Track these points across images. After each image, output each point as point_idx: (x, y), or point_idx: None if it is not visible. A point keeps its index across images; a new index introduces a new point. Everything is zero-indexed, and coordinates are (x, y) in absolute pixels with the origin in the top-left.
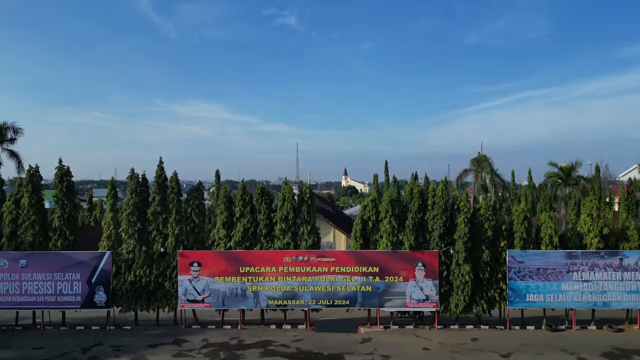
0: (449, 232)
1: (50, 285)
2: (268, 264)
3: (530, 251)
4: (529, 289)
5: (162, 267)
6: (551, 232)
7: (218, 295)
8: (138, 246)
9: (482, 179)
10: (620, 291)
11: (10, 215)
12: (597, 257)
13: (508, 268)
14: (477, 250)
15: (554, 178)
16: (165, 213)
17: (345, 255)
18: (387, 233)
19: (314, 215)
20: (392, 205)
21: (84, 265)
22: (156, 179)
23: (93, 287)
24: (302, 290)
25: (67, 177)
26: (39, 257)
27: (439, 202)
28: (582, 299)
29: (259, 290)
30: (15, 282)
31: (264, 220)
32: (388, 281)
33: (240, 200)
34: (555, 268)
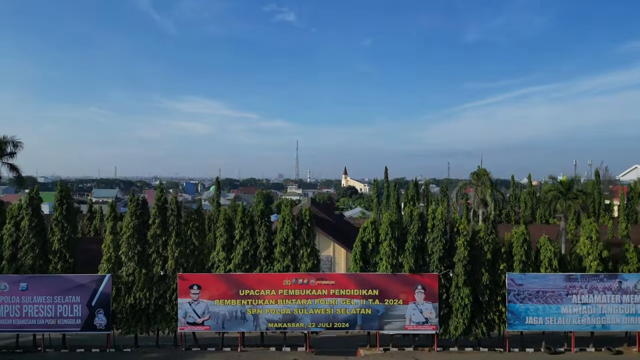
0: (449, 254)
1: (51, 308)
2: (268, 287)
3: (529, 274)
4: (528, 312)
5: (162, 290)
6: (550, 255)
7: (218, 318)
8: (138, 269)
9: (482, 194)
10: (619, 314)
11: (11, 238)
12: (596, 280)
13: (507, 291)
14: (477, 273)
15: (554, 192)
16: (165, 235)
17: (344, 278)
18: (387, 256)
19: (313, 238)
20: (391, 227)
21: (84, 288)
22: (156, 201)
23: (93, 310)
24: (302, 313)
25: (66, 199)
26: (39, 280)
27: (438, 225)
28: (581, 321)
29: (259, 313)
30: (16, 305)
31: (264, 242)
32: (388, 304)
33: (240, 223)
34: (555, 291)
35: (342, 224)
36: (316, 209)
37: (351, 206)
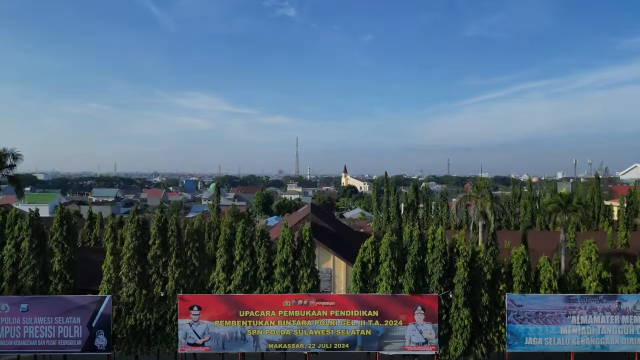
0: (449, 274)
1: (51, 329)
2: (268, 308)
3: (529, 295)
4: (527, 333)
5: (162, 311)
6: (550, 276)
7: (218, 339)
8: (138, 289)
9: (482, 206)
10: (618, 334)
11: (11, 259)
12: (595, 301)
13: (507, 311)
14: (477, 294)
15: (554, 205)
16: (165, 256)
17: (344, 299)
18: (387, 276)
19: (313, 258)
20: (391, 248)
21: (85, 309)
22: (156, 221)
23: (93, 331)
24: (302, 333)
25: (66, 220)
26: (39, 302)
27: (438, 246)
28: (580, 342)
29: (259, 334)
30: (17, 325)
31: (264, 263)
32: (387, 325)
33: (240, 244)
34: (554, 312)
35: (341, 229)
36: (316, 218)
37: (351, 207)
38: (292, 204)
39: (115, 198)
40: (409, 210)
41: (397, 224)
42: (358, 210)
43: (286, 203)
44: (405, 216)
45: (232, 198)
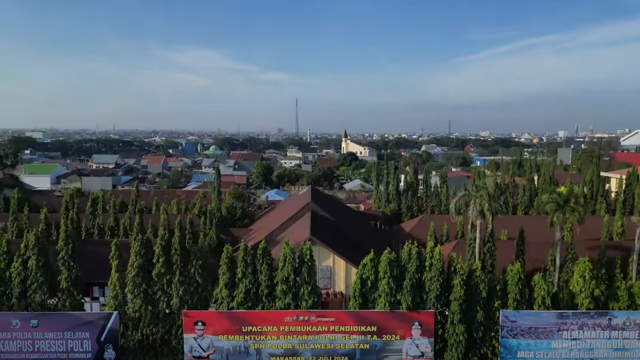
0: (445, 291)
1: (62, 344)
2: (270, 324)
3: (523, 311)
4: (520, 347)
5: (167, 326)
6: (544, 293)
7: (222, 352)
8: (144, 306)
9: (480, 205)
10: (607, 348)
11: (19, 277)
12: (587, 317)
13: (501, 327)
14: (472, 311)
15: (552, 204)
16: (169, 274)
17: (344, 315)
18: (386, 293)
19: (314, 276)
20: (390, 266)
21: (93, 325)
22: (160, 240)
23: (102, 345)
24: (303, 347)
25: (71, 239)
26: (49, 318)
27: (436, 264)
28: (571, 355)
29: (261, 348)
30: (28, 340)
31: (266, 280)
32: (385, 339)
33: (242, 262)
34: (547, 327)
35: (341, 214)
36: (316, 207)
37: (351, 177)
38: (291, 174)
39: (115, 164)
40: (408, 191)
41: (397, 205)
42: (358, 182)
43: (286, 173)
44: (405, 198)
45: (232, 166)
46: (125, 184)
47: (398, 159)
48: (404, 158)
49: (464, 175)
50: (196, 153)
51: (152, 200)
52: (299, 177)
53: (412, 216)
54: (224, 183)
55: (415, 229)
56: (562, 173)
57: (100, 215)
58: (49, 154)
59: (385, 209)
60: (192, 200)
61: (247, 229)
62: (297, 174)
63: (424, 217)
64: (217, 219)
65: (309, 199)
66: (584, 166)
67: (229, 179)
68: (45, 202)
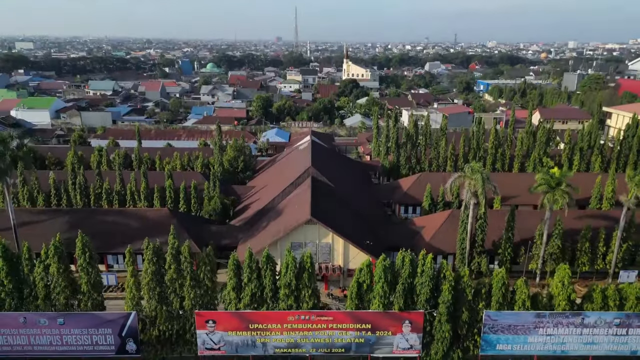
0: (434, 295)
1: (87, 338)
2: (274, 322)
3: (504, 312)
4: (499, 341)
5: (181, 323)
6: (524, 297)
7: (232, 345)
8: (159, 306)
9: (474, 187)
10: (578, 343)
11: (42, 282)
12: (562, 317)
13: (483, 324)
14: (458, 311)
15: (544, 186)
16: (180, 279)
17: (341, 315)
18: (380, 296)
19: (314, 281)
20: (385, 272)
21: (114, 323)
22: (170, 249)
23: (124, 339)
24: (304, 342)
25: (88, 248)
26: (74, 317)
27: (427, 272)
28: (545, 348)
29: (267, 342)
30: (56, 335)
31: (270, 285)
32: (379, 335)
33: (248, 268)
34: (525, 325)
35: (341, 168)
36: (316, 171)
37: (351, 111)
38: (291, 108)
39: (112, 91)
40: (407, 143)
41: (395, 157)
42: (358, 118)
43: (285, 107)
44: (404, 150)
45: (230, 94)
46: (125, 116)
47: (400, 81)
48: (407, 81)
49: (466, 111)
50: (193, 72)
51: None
52: (299, 110)
53: (410, 168)
54: (224, 118)
55: (413, 187)
56: (563, 109)
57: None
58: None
59: (384, 161)
60: (194, 152)
61: (249, 187)
62: (297, 107)
63: (421, 176)
64: (220, 180)
65: (309, 162)
66: (587, 98)
67: (228, 112)
68: (49, 153)
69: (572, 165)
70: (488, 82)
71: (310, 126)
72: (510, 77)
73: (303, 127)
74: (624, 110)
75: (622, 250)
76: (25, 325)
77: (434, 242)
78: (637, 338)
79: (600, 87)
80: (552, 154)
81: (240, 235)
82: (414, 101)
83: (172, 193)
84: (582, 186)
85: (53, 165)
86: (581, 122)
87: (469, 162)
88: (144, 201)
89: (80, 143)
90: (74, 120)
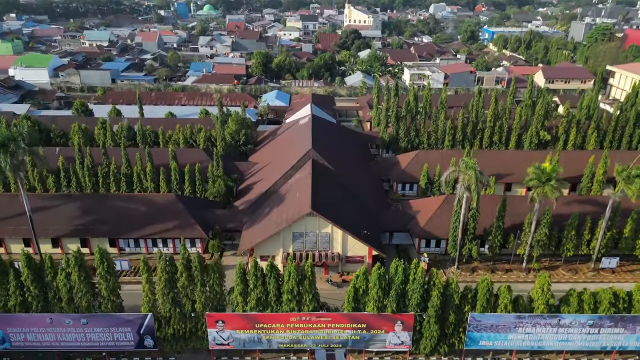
0: (424, 299)
1: (109, 336)
2: (278, 322)
3: (488, 314)
4: (482, 338)
5: (194, 322)
6: (506, 302)
7: (240, 341)
8: (173, 308)
9: (468, 182)
10: (553, 340)
11: (65, 288)
12: (540, 319)
13: (468, 324)
14: (446, 313)
15: (534, 181)
16: (191, 285)
17: (339, 316)
18: (374, 300)
19: (315, 287)
20: (379, 279)
21: (133, 322)
22: (181, 259)
23: (142, 336)
24: (305, 338)
25: (105, 259)
26: (95, 318)
27: (418, 280)
28: (523, 344)
29: (272, 339)
30: (80, 333)
31: (273, 290)
32: (373, 333)
33: (253, 276)
34: (506, 325)
35: (341, 144)
36: (317, 154)
37: (352, 68)
38: (291, 64)
39: (108, 42)
40: (406, 117)
41: (395, 131)
42: (359, 77)
43: (285, 63)
44: (403, 124)
45: (229, 45)
46: (123, 73)
47: (404, 27)
48: (410, 27)
49: (467, 70)
50: (190, 15)
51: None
52: (300, 67)
53: (409, 141)
54: (223, 76)
55: (410, 165)
56: (566, 68)
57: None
58: (36, 19)
59: (383, 134)
60: (196, 125)
61: (252, 164)
62: (297, 63)
63: (419, 153)
64: (223, 157)
65: (310, 144)
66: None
67: (227, 68)
68: (54, 125)
69: (568, 140)
70: (493, 30)
71: (311, 86)
72: (517, 21)
73: (303, 86)
74: (627, 70)
75: (605, 237)
76: (52, 324)
77: (429, 228)
78: (607, 336)
79: (607, 38)
80: (550, 125)
81: (244, 218)
82: (416, 54)
83: (178, 175)
84: (576, 165)
85: (58, 137)
86: (584, 81)
87: (467, 136)
88: (151, 183)
89: (83, 112)
90: (72, 79)
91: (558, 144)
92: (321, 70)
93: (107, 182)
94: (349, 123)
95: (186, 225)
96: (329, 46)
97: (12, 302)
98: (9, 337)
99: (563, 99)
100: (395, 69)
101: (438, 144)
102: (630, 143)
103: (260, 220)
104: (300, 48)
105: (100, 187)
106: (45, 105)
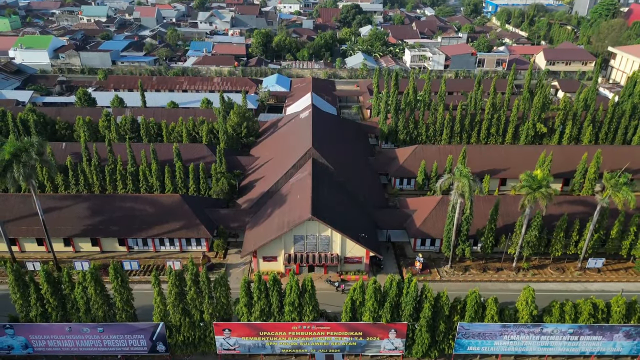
0: (417, 310)
1: (123, 342)
2: (280, 330)
3: (476, 324)
4: (470, 344)
5: (202, 330)
6: (493, 313)
7: (245, 347)
8: (182, 317)
9: (462, 189)
10: (536, 345)
11: (82, 300)
12: (524, 327)
13: (457, 332)
14: (436, 323)
15: (526, 188)
16: (199, 297)
17: (337, 325)
18: (370, 311)
19: (315, 299)
20: (375, 293)
21: (146, 331)
22: (189, 275)
23: (154, 342)
24: (306, 345)
25: (119, 274)
26: (111, 327)
27: (411, 293)
28: (508, 350)
29: (275, 345)
30: (97, 340)
31: (276, 302)
32: (369, 340)
33: (257, 290)
34: (492, 333)
35: (342, 139)
36: (317, 153)
37: (353, 49)
38: (292, 44)
39: (107, 18)
40: (405, 110)
41: (394, 123)
42: (360, 59)
43: (286, 43)
44: (402, 116)
45: (228, 21)
46: (123, 52)
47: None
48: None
49: (468, 53)
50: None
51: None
52: (300, 47)
53: (407, 133)
54: (223, 58)
55: (408, 160)
56: (568, 50)
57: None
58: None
59: (382, 126)
60: (199, 118)
61: (253, 158)
62: (297, 42)
63: (417, 148)
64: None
65: (310, 142)
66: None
67: (227, 48)
68: (59, 117)
69: (564, 133)
70: (497, 2)
71: (311, 68)
72: None
73: (304, 68)
74: (628, 52)
75: (592, 239)
76: (70, 332)
77: (424, 228)
78: (586, 343)
79: (612, 14)
80: (547, 117)
81: (247, 218)
82: (417, 30)
83: (182, 173)
84: (570, 160)
85: (63, 129)
86: (585, 63)
87: (464, 128)
88: (156, 180)
89: (86, 100)
90: (73, 60)
91: (554, 136)
92: (322, 50)
93: (114, 176)
94: (349, 110)
95: (192, 225)
96: (330, 21)
97: (33, 313)
98: (32, 343)
99: (562, 83)
100: (397, 48)
101: (437, 136)
102: (625, 135)
103: (262, 222)
104: (300, 23)
105: (107, 184)
106: (47, 91)
